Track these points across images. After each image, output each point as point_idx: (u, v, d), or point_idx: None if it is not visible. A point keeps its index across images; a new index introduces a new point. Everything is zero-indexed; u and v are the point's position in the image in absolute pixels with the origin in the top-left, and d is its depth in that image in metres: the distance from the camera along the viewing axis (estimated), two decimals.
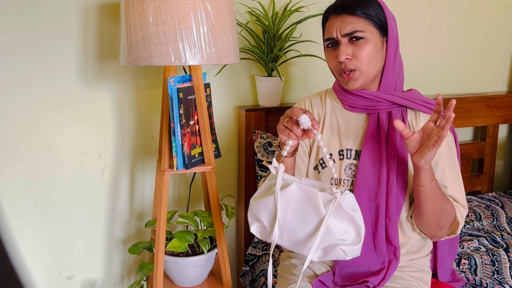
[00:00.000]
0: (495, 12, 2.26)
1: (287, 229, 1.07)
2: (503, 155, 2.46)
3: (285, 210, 1.07)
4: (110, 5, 1.60)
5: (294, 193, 1.07)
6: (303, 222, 1.05)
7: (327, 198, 1.04)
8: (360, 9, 1.18)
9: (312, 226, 1.05)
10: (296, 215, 1.06)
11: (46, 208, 1.66)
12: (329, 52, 1.25)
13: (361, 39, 1.18)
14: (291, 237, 1.08)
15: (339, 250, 1.06)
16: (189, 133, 1.38)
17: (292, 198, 1.07)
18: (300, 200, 1.06)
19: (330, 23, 1.23)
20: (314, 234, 1.04)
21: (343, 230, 1.04)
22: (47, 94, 1.58)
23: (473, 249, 1.71)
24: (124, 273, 1.83)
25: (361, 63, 1.19)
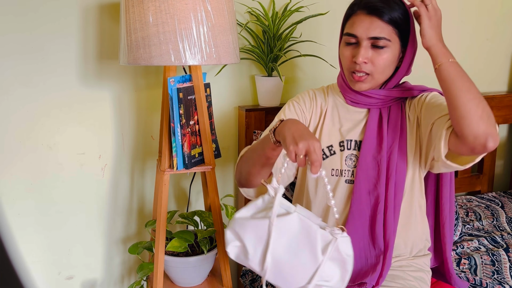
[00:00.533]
0: (496, 12, 2.26)
1: (274, 260, 1.00)
2: (503, 155, 2.46)
3: (277, 239, 0.99)
4: (110, 5, 1.60)
5: (293, 224, 0.99)
6: (294, 256, 0.99)
7: (325, 238, 0.99)
8: (391, 16, 1.16)
9: (301, 262, 0.98)
10: (288, 248, 0.99)
11: (46, 208, 1.66)
12: (346, 49, 1.23)
13: (382, 47, 1.18)
14: (274, 268, 1.00)
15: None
16: (189, 133, 1.38)
17: (289, 228, 0.99)
18: (297, 234, 0.99)
19: (357, 20, 1.19)
20: (302, 273, 0.98)
21: (330, 274, 0.99)
22: (47, 94, 1.58)
23: (473, 249, 1.71)
24: (124, 273, 1.83)
25: (376, 70, 1.20)
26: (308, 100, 1.35)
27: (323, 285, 0.99)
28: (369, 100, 1.27)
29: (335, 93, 1.35)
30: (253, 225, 1.01)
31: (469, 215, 1.97)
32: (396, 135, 1.25)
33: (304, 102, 1.34)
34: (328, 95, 1.35)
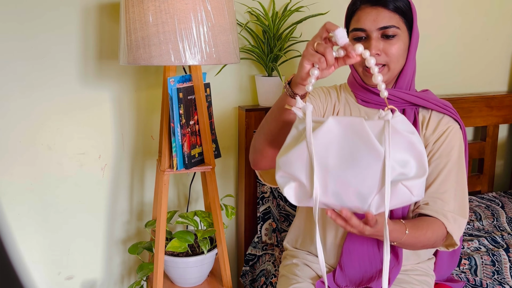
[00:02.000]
0: (495, 12, 2.26)
1: (333, 178, 0.85)
2: (503, 155, 2.46)
3: (324, 153, 0.85)
4: (110, 5, 1.60)
5: (333, 130, 0.85)
6: (353, 163, 0.83)
7: (376, 126, 0.84)
8: (396, 5, 1.15)
9: (363, 165, 0.83)
10: (341, 157, 0.84)
11: (46, 208, 1.66)
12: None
13: (393, 36, 1.16)
14: (339, 186, 0.85)
15: (403, 188, 0.84)
16: (189, 133, 1.38)
17: (331, 136, 0.85)
18: (343, 137, 0.85)
19: (362, 14, 1.17)
20: (371, 177, 0.83)
21: (403, 161, 0.83)
22: (47, 94, 1.58)
23: (473, 249, 1.71)
24: (124, 273, 1.83)
25: (391, 60, 1.17)
26: (323, 94, 1.30)
27: (403, 179, 0.83)
28: (381, 99, 1.23)
29: (346, 92, 1.31)
30: (296, 154, 0.87)
31: (469, 215, 1.97)
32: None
33: (319, 95, 1.30)
34: (341, 94, 1.32)
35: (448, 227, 1.14)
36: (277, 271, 1.55)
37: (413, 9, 1.19)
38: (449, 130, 1.21)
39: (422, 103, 1.23)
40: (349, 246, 1.22)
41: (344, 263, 1.24)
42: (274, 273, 1.58)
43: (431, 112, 1.25)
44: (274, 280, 1.55)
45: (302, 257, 1.35)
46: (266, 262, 1.67)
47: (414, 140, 0.83)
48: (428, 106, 1.23)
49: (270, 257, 1.68)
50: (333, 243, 1.26)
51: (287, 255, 1.41)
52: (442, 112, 1.24)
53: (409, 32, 1.20)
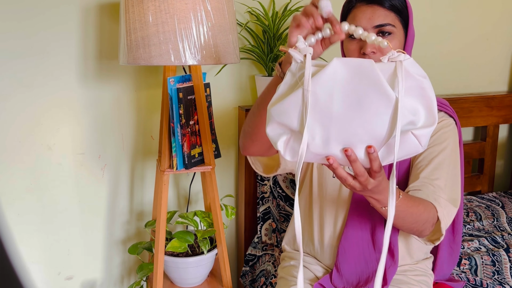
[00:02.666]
0: (495, 12, 2.26)
1: (337, 126, 0.76)
2: (503, 155, 2.46)
3: (328, 100, 0.76)
4: (110, 5, 1.60)
5: (338, 73, 0.77)
6: (360, 110, 0.75)
7: (386, 69, 0.76)
8: (391, 2, 1.14)
9: (372, 111, 0.75)
10: (347, 103, 0.76)
11: (46, 208, 1.65)
12: (351, 43, 1.17)
13: (389, 34, 1.15)
14: (344, 136, 0.77)
15: (412, 137, 0.77)
16: (189, 133, 1.38)
17: (336, 80, 0.76)
18: (349, 81, 0.76)
19: (358, 12, 1.16)
20: (381, 125, 0.75)
21: (414, 108, 0.76)
22: (47, 94, 1.58)
23: (474, 249, 1.71)
24: (124, 273, 1.82)
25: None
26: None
27: (412, 128, 0.76)
28: None
29: None
30: (292, 102, 0.78)
31: (469, 215, 1.97)
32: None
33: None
34: None
35: (439, 211, 1.10)
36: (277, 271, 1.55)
37: (408, 7, 1.18)
38: (443, 123, 1.22)
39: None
40: (344, 245, 1.22)
41: (340, 263, 1.23)
42: (274, 274, 1.58)
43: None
44: (274, 280, 1.55)
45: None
46: (266, 262, 1.67)
47: (426, 85, 0.76)
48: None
49: (270, 257, 1.68)
50: (329, 244, 1.26)
51: (285, 256, 1.41)
52: (438, 109, 1.24)
53: (405, 31, 1.19)
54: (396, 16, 1.16)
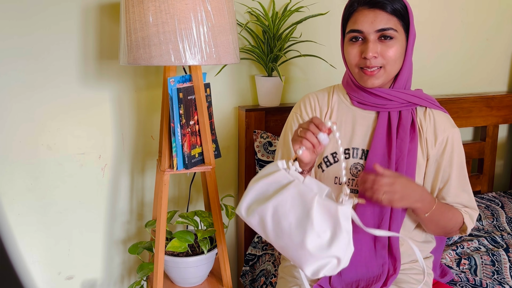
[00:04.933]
0: (495, 12, 2.26)
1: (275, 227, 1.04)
2: (503, 155, 2.46)
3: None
4: (110, 5, 1.60)
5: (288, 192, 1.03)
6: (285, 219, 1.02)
7: (327, 206, 1.02)
8: (393, 7, 1.14)
9: (292, 222, 1.02)
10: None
11: (46, 208, 1.66)
12: (352, 46, 1.19)
13: (391, 38, 1.16)
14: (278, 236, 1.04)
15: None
16: (189, 133, 1.38)
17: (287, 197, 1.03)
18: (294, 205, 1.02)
19: (359, 16, 1.17)
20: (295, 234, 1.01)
21: (322, 227, 1.00)
22: (47, 94, 1.59)
23: (473, 249, 1.71)
24: (124, 273, 1.83)
25: (387, 62, 1.17)
26: (310, 112, 1.31)
27: (315, 244, 0.99)
28: (378, 101, 1.22)
29: (341, 95, 1.30)
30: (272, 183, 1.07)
31: None
32: (405, 145, 1.21)
33: (306, 113, 1.31)
34: (333, 98, 1.30)
35: (465, 218, 1.25)
36: (277, 271, 1.55)
37: (409, 11, 1.19)
38: (448, 139, 1.25)
39: (420, 102, 1.24)
40: None
41: None
42: (274, 273, 1.58)
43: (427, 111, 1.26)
44: (274, 280, 1.55)
45: None
46: (266, 262, 1.67)
47: (339, 223, 1.00)
48: (425, 104, 1.25)
49: (270, 257, 1.68)
50: None
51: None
52: (435, 109, 1.27)
53: (406, 34, 1.20)
54: (398, 20, 1.16)
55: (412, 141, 1.22)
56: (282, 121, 1.80)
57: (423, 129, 1.25)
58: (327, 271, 1.01)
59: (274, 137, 1.75)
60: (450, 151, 1.24)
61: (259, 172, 1.10)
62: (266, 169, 1.09)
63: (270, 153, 1.73)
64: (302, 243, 0.99)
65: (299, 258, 1.01)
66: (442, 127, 1.24)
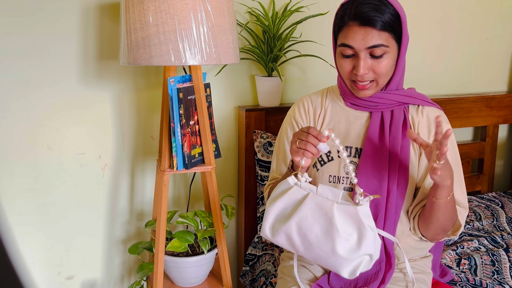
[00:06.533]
0: (495, 12, 2.26)
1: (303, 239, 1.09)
2: (503, 155, 2.46)
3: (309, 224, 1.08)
4: (110, 5, 1.60)
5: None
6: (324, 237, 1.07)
7: (345, 210, 1.07)
8: (383, 22, 1.14)
9: (319, 230, 1.07)
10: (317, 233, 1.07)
11: (46, 208, 1.66)
12: (344, 61, 1.20)
13: (379, 57, 1.16)
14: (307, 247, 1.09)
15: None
16: (189, 133, 1.38)
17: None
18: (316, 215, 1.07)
19: (350, 32, 1.16)
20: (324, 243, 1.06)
21: (348, 231, 1.05)
22: (47, 94, 1.59)
23: (473, 249, 1.71)
24: (124, 273, 1.83)
25: (379, 76, 1.18)
26: (304, 115, 1.34)
27: (346, 248, 1.04)
28: (370, 103, 1.25)
29: (334, 96, 1.32)
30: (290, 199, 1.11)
31: (469, 215, 1.97)
32: (397, 142, 1.22)
33: (300, 116, 1.34)
34: (327, 99, 1.33)
35: (459, 216, 1.26)
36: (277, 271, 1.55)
37: (402, 18, 1.17)
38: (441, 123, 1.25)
39: (412, 101, 1.26)
40: None
41: None
42: (274, 273, 1.58)
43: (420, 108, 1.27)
44: (274, 280, 1.55)
45: (300, 259, 1.35)
46: (266, 262, 1.67)
47: (367, 234, 1.04)
48: (417, 103, 1.27)
49: (270, 257, 1.68)
50: None
51: (285, 256, 1.41)
52: (428, 106, 1.28)
53: (398, 42, 1.19)
54: (389, 34, 1.16)
55: (404, 138, 1.23)
56: (282, 121, 1.80)
57: (415, 126, 1.26)
58: (363, 268, 1.06)
59: (274, 138, 1.75)
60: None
61: (273, 192, 1.14)
62: (279, 188, 1.13)
63: (270, 153, 1.74)
64: (332, 250, 1.04)
65: (334, 265, 1.07)
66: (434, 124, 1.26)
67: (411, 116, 1.27)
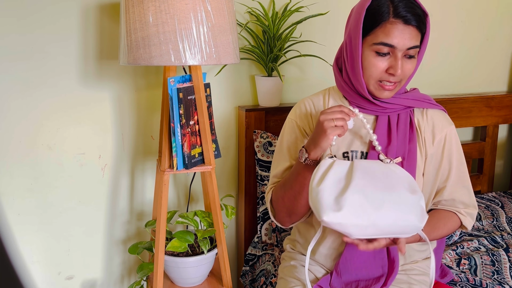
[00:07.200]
0: (495, 12, 2.26)
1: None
2: (503, 155, 2.46)
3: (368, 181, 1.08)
4: (110, 5, 1.60)
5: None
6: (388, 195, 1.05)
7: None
8: (421, 23, 1.12)
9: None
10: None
11: (46, 208, 1.66)
12: (377, 59, 1.14)
13: (412, 57, 1.15)
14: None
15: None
16: (189, 133, 1.38)
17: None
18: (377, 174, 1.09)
19: (394, 30, 1.10)
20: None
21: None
22: (47, 94, 1.59)
23: (473, 249, 1.71)
24: (124, 273, 1.83)
25: (404, 77, 1.17)
26: (304, 117, 1.30)
27: (405, 189, 1.05)
28: (379, 107, 1.22)
29: (337, 98, 1.29)
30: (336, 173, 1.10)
31: None
32: (404, 146, 1.21)
33: (301, 120, 1.31)
34: (329, 101, 1.30)
35: (464, 221, 1.27)
36: (277, 271, 1.55)
37: (427, 22, 1.16)
38: (446, 137, 1.25)
39: (418, 104, 1.25)
40: (346, 254, 1.22)
41: (341, 268, 1.23)
42: (274, 273, 1.58)
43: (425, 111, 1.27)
44: (274, 280, 1.55)
45: (301, 259, 1.35)
46: (266, 262, 1.67)
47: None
48: (421, 106, 1.26)
49: (270, 257, 1.68)
50: (331, 246, 1.26)
51: (286, 256, 1.41)
52: (433, 108, 1.28)
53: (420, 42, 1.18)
54: (420, 35, 1.15)
55: (411, 142, 1.22)
56: (282, 121, 1.80)
57: (421, 130, 1.25)
58: (426, 213, 1.06)
59: (274, 137, 1.75)
60: (449, 148, 1.25)
61: (313, 176, 1.09)
62: (318, 170, 1.09)
63: (270, 153, 1.74)
64: (399, 195, 1.04)
65: (405, 212, 1.03)
66: (439, 126, 1.25)
67: (417, 120, 1.26)
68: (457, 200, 1.26)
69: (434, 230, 1.22)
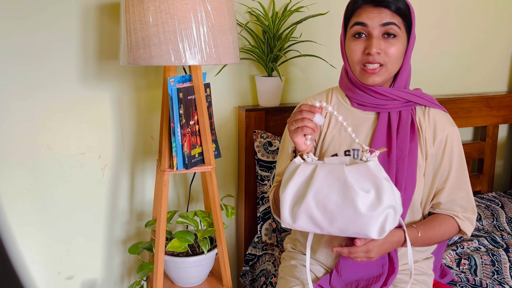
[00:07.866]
0: (495, 12, 2.26)
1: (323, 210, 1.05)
2: (503, 155, 2.46)
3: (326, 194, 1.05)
4: (110, 5, 1.60)
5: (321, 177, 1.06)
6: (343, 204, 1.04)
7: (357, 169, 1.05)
8: (397, 6, 1.15)
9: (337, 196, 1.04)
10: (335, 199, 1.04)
11: (46, 208, 1.66)
12: (355, 42, 1.19)
13: (393, 36, 1.17)
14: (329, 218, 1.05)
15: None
16: (189, 133, 1.38)
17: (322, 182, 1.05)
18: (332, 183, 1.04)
19: (364, 12, 1.17)
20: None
21: (365, 187, 1.03)
22: (47, 94, 1.59)
23: (473, 249, 1.71)
24: (124, 273, 1.83)
25: (389, 60, 1.17)
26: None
27: (367, 205, 1.01)
28: (377, 101, 1.22)
29: (340, 97, 1.30)
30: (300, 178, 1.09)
31: None
32: (405, 145, 1.21)
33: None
34: (332, 100, 1.31)
35: (462, 226, 1.25)
36: (277, 271, 1.55)
37: (412, 12, 1.20)
38: (447, 138, 1.25)
39: (420, 101, 1.25)
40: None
41: (341, 268, 1.23)
42: (274, 273, 1.58)
43: (427, 110, 1.27)
44: (274, 280, 1.55)
45: (301, 258, 1.35)
46: (266, 262, 1.67)
47: (384, 186, 1.02)
48: (425, 103, 1.26)
49: (270, 257, 1.68)
50: (331, 245, 1.26)
51: (286, 256, 1.41)
52: (435, 108, 1.28)
53: (408, 35, 1.20)
54: (401, 20, 1.17)
55: (412, 141, 1.22)
56: (282, 121, 1.80)
57: (422, 129, 1.25)
58: (390, 225, 1.03)
59: (274, 137, 1.75)
60: (450, 149, 1.25)
61: (283, 178, 1.11)
62: (287, 172, 1.10)
63: (270, 153, 1.74)
64: (355, 211, 1.01)
65: (361, 228, 1.02)
66: (441, 126, 1.25)
67: (418, 119, 1.26)
68: (455, 202, 1.25)
69: (429, 230, 1.22)
